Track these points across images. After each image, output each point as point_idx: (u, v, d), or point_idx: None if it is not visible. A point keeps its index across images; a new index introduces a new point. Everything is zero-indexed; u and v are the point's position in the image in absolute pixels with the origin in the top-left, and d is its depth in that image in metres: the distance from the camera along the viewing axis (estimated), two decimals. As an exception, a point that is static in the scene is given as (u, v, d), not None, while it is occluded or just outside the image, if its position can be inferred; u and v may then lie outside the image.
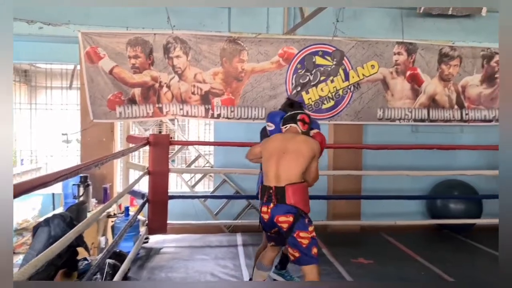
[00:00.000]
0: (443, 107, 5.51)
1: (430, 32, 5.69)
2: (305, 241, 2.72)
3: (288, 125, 3.06)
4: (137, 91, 5.03)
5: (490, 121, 5.61)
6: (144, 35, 4.94)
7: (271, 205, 2.79)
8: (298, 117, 3.03)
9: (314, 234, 2.80)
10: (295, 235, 2.73)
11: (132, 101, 5.03)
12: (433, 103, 5.49)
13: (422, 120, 5.52)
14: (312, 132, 3.11)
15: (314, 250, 2.75)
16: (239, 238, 5.12)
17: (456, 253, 4.80)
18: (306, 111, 3.16)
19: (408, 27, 5.50)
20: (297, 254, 2.75)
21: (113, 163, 5.36)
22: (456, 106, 5.54)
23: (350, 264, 4.27)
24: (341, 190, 5.63)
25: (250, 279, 3.53)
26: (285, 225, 2.75)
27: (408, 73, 5.40)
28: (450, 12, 5.52)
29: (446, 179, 5.90)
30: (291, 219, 2.74)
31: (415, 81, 5.43)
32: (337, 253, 4.52)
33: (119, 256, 4.02)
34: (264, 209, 2.84)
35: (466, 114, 5.57)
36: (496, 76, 5.53)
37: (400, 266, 4.28)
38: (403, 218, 5.56)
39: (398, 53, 5.37)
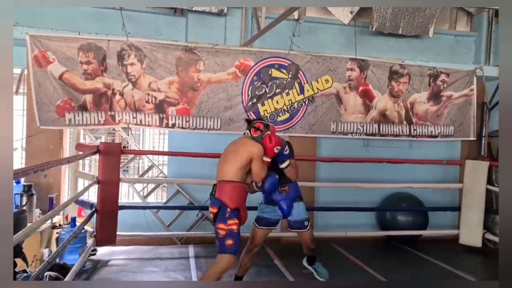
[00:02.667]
0: (393, 122, 5.72)
1: (381, 50, 5.92)
2: (222, 232, 3.07)
3: (245, 131, 3.43)
4: (88, 98, 4.88)
5: (435, 136, 5.87)
6: (97, 41, 4.82)
7: (211, 197, 3.24)
8: (253, 124, 3.38)
9: (233, 227, 3.08)
10: (216, 225, 3.10)
11: (83, 108, 4.87)
12: (383, 118, 5.68)
13: (373, 134, 5.70)
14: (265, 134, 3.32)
15: (228, 242, 3.05)
16: (191, 250, 5.04)
17: (403, 264, 4.94)
18: (261, 120, 3.47)
19: (361, 44, 5.69)
20: (216, 242, 3.13)
21: (60, 172, 5.15)
22: (404, 122, 5.76)
23: (301, 275, 4.30)
24: (294, 202, 5.66)
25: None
26: (211, 215, 3.18)
27: (360, 88, 5.58)
28: (400, 32, 5.78)
29: (395, 191, 6.10)
30: (215, 210, 3.13)
31: (367, 97, 5.62)
32: (288, 264, 4.54)
33: (63, 269, 3.86)
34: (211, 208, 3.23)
35: (414, 130, 5.80)
36: (441, 94, 5.81)
37: (349, 277, 4.37)
38: (353, 229, 5.69)
39: (351, 69, 5.53)
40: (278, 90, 5.35)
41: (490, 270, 5.04)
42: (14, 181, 3.89)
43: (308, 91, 5.43)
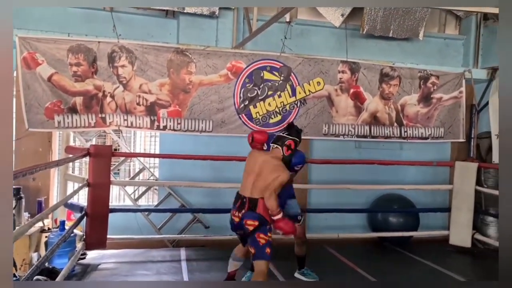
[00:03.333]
0: (384, 124, 5.75)
1: (372, 52, 5.95)
2: (263, 241, 3.35)
3: (274, 146, 3.59)
4: (78, 100, 4.82)
5: (426, 138, 5.92)
6: (87, 43, 4.77)
7: (243, 211, 3.41)
8: (286, 142, 3.56)
9: (271, 239, 3.39)
10: (256, 235, 3.35)
11: (72, 110, 4.81)
12: (374, 120, 5.71)
13: (364, 136, 5.72)
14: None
15: (267, 250, 3.35)
16: (183, 252, 5.01)
17: (394, 265, 4.97)
18: (294, 138, 3.62)
19: (352, 47, 5.72)
20: (253, 251, 3.38)
21: (49, 175, 5.09)
22: (395, 124, 5.80)
23: (292, 277, 4.30)
24: (286, 204, 5.66)
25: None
26: (251, 228, 3.36)
27: (352, 91, 5.60)
28: (391, 35, 5.82)
29: (386, 193, 6.13)
30: (256, 223, 3.35)
31: (358, 99, 5.64)
32: (280, 266, 4.54)
33: (52, 273, 3.82)
34: (236, 213, 3.46)
35: (405, 132, 5.84)
36: (431, 96, 5.87)
37: (341, 278, 4.38)
38: (345, 231, 5.71)
39: (342, 72, 5.55)
40: (270, 92, 5.35)
41: (480, 270, 5.10)
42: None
43: (300, 93, 5.44)
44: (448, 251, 5.59)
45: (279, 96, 5.37)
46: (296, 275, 4.35)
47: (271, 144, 3.63)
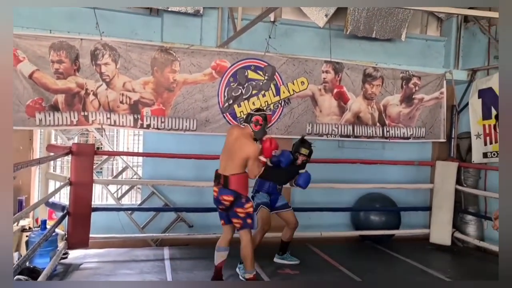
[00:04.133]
0: (367, 124, 5.82)
1: (355, 53, 6.01)
2: (242, 214, 3.73)
3: (244, 124, 3.93)
4: (60, 98, 4.76)
5: (408, 138, 6.01)
6: (69, 40, 4.71)
7: (219, 187, 3.77)
8: (253, 118, 3.83)
9: (250, 210, 3.79)
10: (234, 210, 3.73)
11: (54, 108, 4.75)
12: (357, 120, 5.78)
13: (347, 136, 5.79)
14: (265, 137, 3.94)
15: (248, 221, 3.77)
16: (166, 251, 5.00)
17: (376, 263, 5.04)
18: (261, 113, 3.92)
19: (336, 47, 5.77)
20: (237, 225, 3.77)
21: (30, 173, 5.01)
22: (378, 124, 5.88)
23: (276, 275, 4.33)
24: (270, 203, 5.69)
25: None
26: (227, 203, 3.74)
27: (335, 90, 5.66)
28: (374, 35, 5.89)
29: (368, 192, 6.21)
30: (231, 198, 3.71)
31: (342, 99, 5.70)
32: (264, 265, 4.56)
33: (33, 273, 3.76)
34: (215, 189, 3.82)
35: (387, 131, 5.92)
36: (413, 97, 5.96)
37: (323, 276, 4.43)
38: (328, 229, 5.76)
39: (326, 71, 5.61)
40: (254, 92, 5.36)
41: (459, 268, 5.20)
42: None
43: (284, 92, 5.47)
44: (429, 249, 5.69)
45: (264, 95, 5.39)
46: (277, 259, 4.73)
47: (243, 124, 4.06)
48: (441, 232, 5.75)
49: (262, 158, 3.81)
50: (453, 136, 6.31)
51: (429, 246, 5.75)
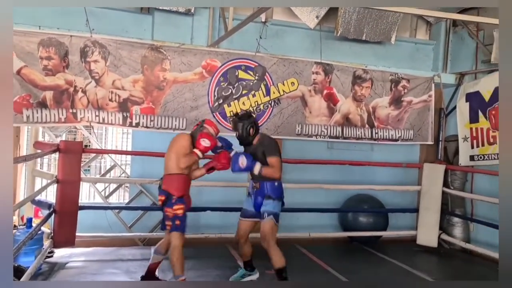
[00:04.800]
0: (356, 126, 5.86)
1: (345, 55, 6.05)
2: (170, 214, 3.64)
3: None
4: (48, 95, 4.70)
5: (396, 140, 6.06)
6: (59, 36, 4.66)
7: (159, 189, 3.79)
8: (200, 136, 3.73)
9: (178, 212, 3.64)
10: (164, 209, 3.68)
11: (42, 104, 4.69)
12: (346, 121, 5.81)
13: (336, 137, 5.81)
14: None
15: (177, 222, 3.63)
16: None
17: (364, 264, 5.07)
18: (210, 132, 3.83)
19: (326, 48, 5.80)
20: (168, 225, 3.67)
21: (16, 170, 4.95)
22: (367, 125, 5.91)
23: (264, 275, 4.33)
24: (259, 203, 5.69)
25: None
26: (160, 202, 3.74)
27: (325, 92, 5.68)
28: (364, 38, 5.93)
29: (357, 193, 6.25)
30: (163, 198, 3.68)
31: (331, 100, 5.73)
32: (256, 266, 4.55)
33: (18, 272, 3.71)
34: None
35: (376, 133, 5.96)
36: (402, 99, 6.02)
37: (311, 277, 4.44)
38: (317, 230, 5.79)
39: (316, 73, 5.63)
40: (244, 92, 5.36)
41: (445, 270, 5.26)
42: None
43: (274, 93, 5.48)
44: (416, 251, 5.75)
45: (254, 95, 5.39)
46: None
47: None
48: (428, 234, 5.81)
49: (197, 151, 3.68)
50: (440, 139, 6.38)
51: (416, 247, 5.80)
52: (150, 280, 3.89)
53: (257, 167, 3.73)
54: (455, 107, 6.17)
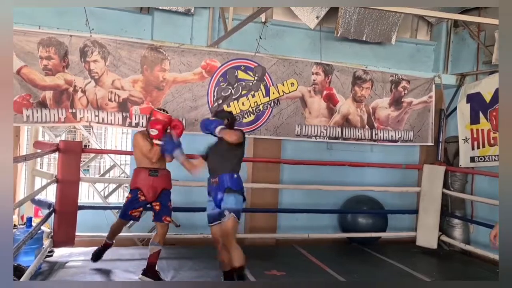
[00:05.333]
0: (355, 127, 5.85)
1: (346, 55, 6.03)
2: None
3: None
4: (48, 94, 4.72)
5: (396, 141, 6.05)
6: (58, 36, 4.67)
7: None
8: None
9: (127, 199, 4.09)
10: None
11: (42, 104, 4.70)
12: (346, 122, 5.80)
13: (336, 138, 5.81)
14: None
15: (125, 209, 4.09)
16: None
17: (363, 265, 5.06)
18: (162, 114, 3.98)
19: (326, 49, 5.79)
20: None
21: (16, 170, 4.96)
22: (366, 126, 5.91)
23: (263, 276, 4.33)
24: (258, 203, 5.70)
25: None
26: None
27: (325, 92, 5.68)
28: (364, 38, 5.92)
29: (356, 194, 6.23)
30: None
31: (331, 101, 5.72)
32: (251, 265, 4.53)
33: (17, 271, 3.72)
34: None
35: (376, 134, 5.95)
36: (402, 100, 6.01)
37: (309, 277, 4.44)
38: (316, 231, 5.78)
39: (316, 73, 5.62)
40: (244, 92, 5.36)
41: (445, 271, 5.25)
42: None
43: (273, 93, 5.48)
44: (415, 252, 5.74)
45: (253, 96, 5.39)
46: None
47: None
48: (427, 235, 5.80)
49: (155, 142, 3.90)
50: (440, 140, 6.36)
51: (415, 249, 5.79)
52: (151, 274, 3.93)
53: (219, 127, 3.64)
54: (455, 108, 6.16)
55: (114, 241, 4.37)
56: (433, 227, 5.76)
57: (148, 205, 4.09)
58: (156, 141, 3.88)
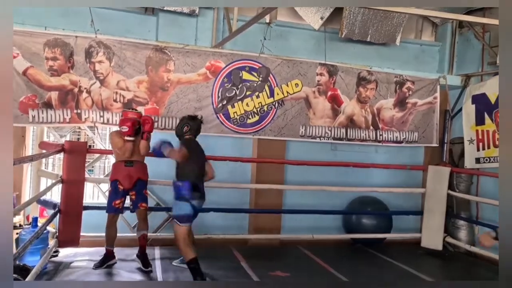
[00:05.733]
0: (360, 127, 5.84)
1: (350, 56, 6.03)
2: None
3: None
4: (53, 95, 4.75)
5: (400, 142, 6.04)
6: (64, 37, 4.70)
7: None
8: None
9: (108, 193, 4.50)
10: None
11: (47, 105, 4.73)
12: (351, 123, 5.80)
13: (340, 139, 5.80)
14: None
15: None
16: (157, 251, 4.99)
17: (367, 266, 5.05)
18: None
19: (331, 50, 5.79)
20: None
21: (22, 171, 4.99)
22: (371, 127, 5.90)
23: (267, 276, 4.33)
24: (263, 204, 5.70)
25: None
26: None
27: (329, 93, 5.67)
28: (368, 39, 5.91)
29: (360, 195, 6.21)
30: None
31: (335, 102, 5.72)
32: (255, 266, 4.57)
33: (23, 271, 3.74)
34: None
35: (380, 135, 5.94)
36: (406, 101, 5.99)
37: (313, 278, 4.43)
38: (320, 232, 5.77)
39: (321, 74, 5.62)
40: (248, 93, 5.37)
41: (450, 273, 5.23)
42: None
43: (278, 94, 5.48)
44: (420, 253, 5.72)
45: (257, 96, 5.40)
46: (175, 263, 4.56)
47: None
48: (432, 236, 5.77)
49: (126, 138, 4.25)
50: (445, 141, 6.34)
51: (420, 250, 5.77)
52: (143, 255, 4.44)
53: (165, 146, 3.89)
54: (461, 109, 6.14)
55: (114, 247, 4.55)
56: (438, 229, 5.74)
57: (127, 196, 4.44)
58: (127, 138, 4.23)
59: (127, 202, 4.53)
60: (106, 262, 4.39)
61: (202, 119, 4.32)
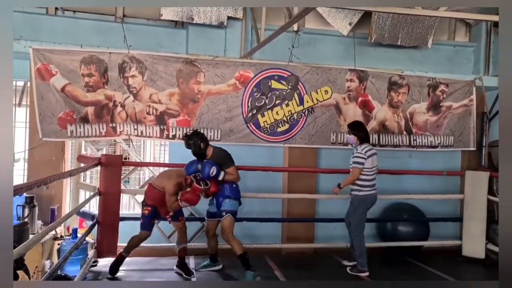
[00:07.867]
0: (393, 133, 5.74)
1: (380, 61, 5.95)
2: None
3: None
4: (90, 110, 4.93)
5: (435, 147, 5.88)
6: (99, 54, 4.88)
7: None
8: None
9: (145, 212, 4.40)
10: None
11: (84, 120, 4.92)
12: (383, 128, 5.70)
13: (373, 145, 5.66)
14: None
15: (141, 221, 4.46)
16: (192, 261, 5.03)
17: (405, 275, 4.91)
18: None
19: (360, 55, 5.73)
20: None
21: (62, 184, 5.17)
22: (404, 132, 5.78)
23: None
24: (295, 213, 5.67)
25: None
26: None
27: (360, 99, 5.61)
28: (399, 43, 5.82)
29: (395, 202, 6.07)
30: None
31: (366, 107, 5.64)
32: (290, 276, 4.53)
33: (65, 280, 3.86)
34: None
35: (414, 140, 5.81)
36: (441, 104, 5.84)
37: (349, 287, 4.35)
38: (355, 240, 5.65)
39: (351, 80, 5.57)
40: (277, 101, 5.39)
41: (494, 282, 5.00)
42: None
43: (307, 102, 5.47)
44: (461, 262, 5.51)
45: (287, 105, 5.40)
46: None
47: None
48: (473, 244, 5.56)
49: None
50: (484, 145, 6.12)
51: (461, 258, 5.56)
52: (183, 265, 4.54)
53: (222, 174, 4.26)
54: (498, 109, 5.92)
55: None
56: (479, 236, 5.52)
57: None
58: (182, 203, 4.24)
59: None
60: (119, 266, 4.47)
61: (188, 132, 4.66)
